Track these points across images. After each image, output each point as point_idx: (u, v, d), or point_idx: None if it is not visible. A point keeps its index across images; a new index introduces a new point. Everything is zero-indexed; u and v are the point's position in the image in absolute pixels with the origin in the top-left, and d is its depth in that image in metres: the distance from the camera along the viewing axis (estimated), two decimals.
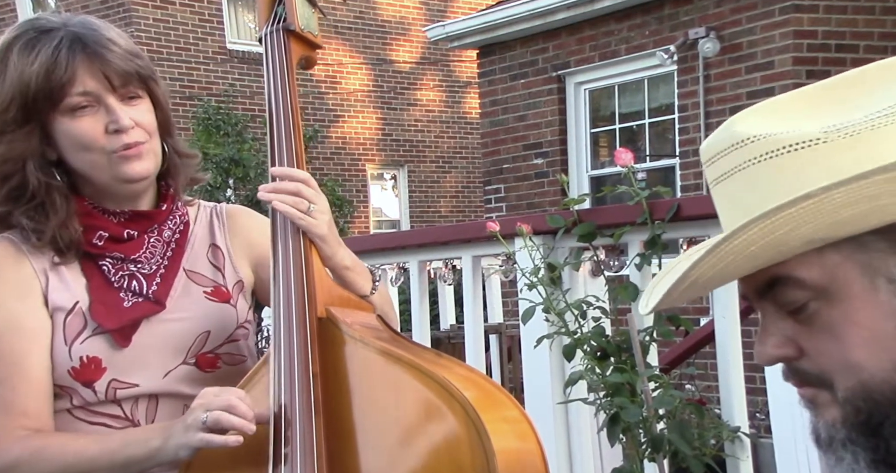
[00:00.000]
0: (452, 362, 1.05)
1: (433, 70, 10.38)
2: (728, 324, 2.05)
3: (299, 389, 0.99)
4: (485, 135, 6.56)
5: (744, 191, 0.58)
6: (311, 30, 1.15)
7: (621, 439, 1.96)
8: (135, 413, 1.08)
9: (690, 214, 2.04)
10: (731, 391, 2.03)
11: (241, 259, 1.16)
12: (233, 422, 0.97)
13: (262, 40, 1.13)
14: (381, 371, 0.99)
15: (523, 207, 6.14)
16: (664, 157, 5.82)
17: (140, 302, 1.09)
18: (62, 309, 1.07)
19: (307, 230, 1.05)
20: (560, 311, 2.05)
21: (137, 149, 1.07)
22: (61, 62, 1.04)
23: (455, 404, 0.93)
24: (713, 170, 0.60)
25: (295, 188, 1.05)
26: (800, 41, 4.91)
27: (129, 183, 1.08)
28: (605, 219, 2.16)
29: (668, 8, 5.46)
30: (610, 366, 2.00)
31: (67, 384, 1.07)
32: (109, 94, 1.06)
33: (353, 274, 1.10)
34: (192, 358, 1.10)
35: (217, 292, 1.13)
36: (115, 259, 1.10)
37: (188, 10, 8.69)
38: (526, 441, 0.99)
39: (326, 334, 1.02)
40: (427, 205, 10.35)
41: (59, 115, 1.06)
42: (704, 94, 5.30)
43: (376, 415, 0.99)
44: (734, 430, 2.00)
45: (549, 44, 6.05)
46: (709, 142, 0.61)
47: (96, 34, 1.06)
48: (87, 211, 1.10)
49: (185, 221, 1.16)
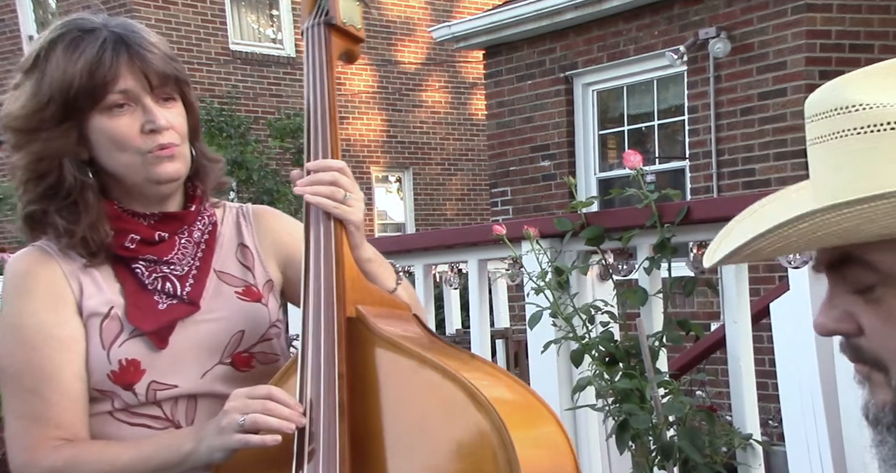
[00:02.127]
0: (487, 365, 1.04)
1: (439, 71, 10.39)
2: (739, 329, 2.04)
3: (325, 389, 1.00)
4: (491, 137, 6.56)
5: (838, 161, 0.57)
6: (354, 23, 1.15)
7: (630, 446, 1.96)
8: (175, 413, 1.11)
9: (700, 217, 2.03)
10: (742, 397, 2.02)
11: (269, 258, 1.18)
12: (271, 424, 0.98)
13: (303, 34, 1.14)
14: (408, 373, 0.98)
15: (530, 210, 6.13)
16: (674, 159, 5.81)
17: (175, 303, 1.11)
18: (98, 314, 1.09)
19: (343, 217, 1.06)
20: (568, 316, 2.05)
21: (170, 150, 1.09)
22: (106, 61, 1.06)
23: (480, 410, 0.93)
24: (812, 129, 0.59)
25: (331, 178, 1.07)
26: (813, 41, 4.90)
27: (161, 184, 1.10)
28: (613, 222, 2.16)
29: (678, 7, 5.46)
30: (619, 372, 2.00)
31: (108, 388, 1.08)
32: (147, 95, 1.09)
33: (376, 266, 1.12)
34: (228, 358, 1.12)
35: (248, 292, 1.15)
36: (148, 261, 1.12)
37: (191, 10, 8.72)
38: (556, 450, 0.98)
39: (356, 334, 1.02)
40: (433, 207, 10.36)
41: (97, 114, 1.08)
42: (715, 95, 5.29)
43: (402, 418, 0.99)
44: (746, 438, 2.00)
45: (556, 44, 6.05)
46: (814, 99, 0.59)
47: (138, 36, 1.10)
48: (117, 214, 1.11)
49: (214, 222, 1.18)
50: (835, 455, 1.96)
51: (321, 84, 1.10)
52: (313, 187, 1.06)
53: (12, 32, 9.70)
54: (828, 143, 0.58)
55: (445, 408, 0.96)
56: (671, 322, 2.02)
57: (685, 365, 2.99)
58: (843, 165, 0.57)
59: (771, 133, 5.08)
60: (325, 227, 1.06)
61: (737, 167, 5.25)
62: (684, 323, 2.05)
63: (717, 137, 5.31)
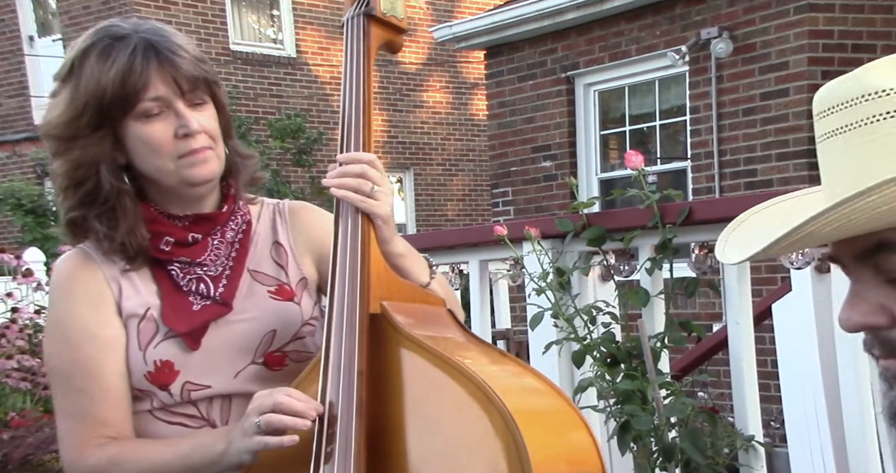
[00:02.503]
0: (516, 365, 1.03)
1: (440, 71, 10.39)
2: (741, 330, 2.04)
3: (344, 387, 1.00)
4: (492, 138, 6.56)
5: (870, 147, 0.55)
6: (396, 14, 1.15)
7: (632, 447, 1.96)
8: (210, 412, 1.13)
9: (702, 218, 2.03)
10: (744, 398, 2.02)
11: (304, 255, 1.19)
12: (284, 422, 0.99)
13: (344, 25, 1.15)
14: (426, 372, 0.98)
15: (531, 211, 6.13)
16: (675, 160, 5.81)
17: (208, 304, 1.13)
18: (135, 315, 1.12)
19: (370, 211, 1.07)
20: (569, 317, 2.05)
21: (203, 153, 1.11)
22: (136, 68, 1.08)
23: (494, 412, 0.92)
24: (831, 121, 0.57)
25: (359, 170, 1.07)
26: (815, 41, 4.90)
27: (195, 186, 1.13)
28: (615, 222, 2.16)
29: (680, 7, 5.46)
30: (620, 373, 2.00)
31: (145, 387, 1.12)
32: (179, 100, 1.11)
33: (408, 262, 1.12)
34: (261, 358, 1.13)
35: (281, 291, 1.16)
36: (183, 263, 1.14)
37: (191, 10, 8.73)
38: (578, 455, 0.96)
39: (379, 331, 1.02)
40: (433, 208, 10.36)
41: (131, 120, 1.10)
42: (717, 96, 5.29)
43: (419, 417, 0.99)
44: (748, 439, 1.99)
45: (557, 44, 6.05)
46: (829, 91, 0.58)
47: (167, 40, 1.12)
48: (154, 217, 1.14)
49: (248, 220, 1.19)
50: (837, 456, 1.96)
51: (357, 76, 1.11)
52: (340, 180, 1.07)
53: (12, 32, 9.70)
54: (857, 130, 0.56)
55: (460, 409, 0.95)
56: (673, 323, 2.02)
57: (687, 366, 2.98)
58: (876, 150, 0.55)
59: (773, 133, 5.07)
60: (353, 221, 1.06)
61: (739, 167, 5.25)
62: (686, 323, 2.05)
63: (719, 138, 5.31)
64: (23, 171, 9.32)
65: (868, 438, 1.89)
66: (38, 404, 3.06)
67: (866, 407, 1.89)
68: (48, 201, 8.21)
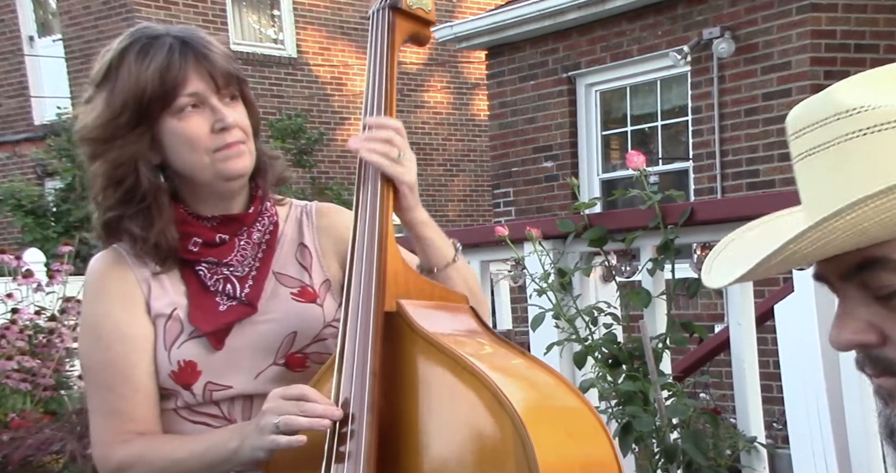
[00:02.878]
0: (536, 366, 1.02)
1: (441, 71, 10.39)
2: (743, 331, 2.04)
3: (357, 387, 1.01)
4: (493, 138, 6.56)
5: (846, 165, 0.56)
6: (423, 6, 1.15)
7: (634, 449, 1.96)
8: (232, 412, 1.14)
9: (704, 218, 2.03)
10: (746, 400, 2.02)
11: (329, 257, 1.20)
12: (302, 424, 1.00)
13: (370, 17, 1.15)
14: (439, 372, 0.98)
15: (533, 211, 6.13)
16: (677, 160, 5.81)
17: (234, 305, 1.14)
18: (162, 315, 1.14)
19: (396, 177, 1.07)
20: (570, 318, 2.05)
21: (237, 147, 1.13)
22: (175, 65, 1.11)
23: (504, 415, 0.92)
24: (804, 142, 0.58)
25: (387, 135, 1.09)
26: (818, 41, 4.89)
27: (230, 180, 1.14)
28: (616, 223, 2.16)
29: (682, 7, 5.46)
30: (622, 374, 2.00)
31: (170, 386, 1.14)
32: (213, 95, 1.13)
33: (432, 231, 1.13)
34: (282, 359, 1.14)
35: (303, 292, 1.17)
36: (210, 263, 1.15)
37: (192, 10, 8.74)
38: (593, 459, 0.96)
39: (394, 329, 1.02)
40: (434, 209, 10.36)
41: (168, 117, 1.12)
42: (719, 96, 5.29)
43: (432, 419, 0.99)
44: (750, 440, 1.99)
45: (559, 44, 6.05)
46: (800, 112, 0.58)
47: (200, 38, 1.14)
48: (183, 217, 1.16)
49: (275, 222, 1.20)
50: (840, 457, 1.96)
51: (381, 68, 1.12)
52: (369, 144, 1.08)
53: (12, 32, 9.71)
54: (829, 149, 0.56)
55: (471, 411, 0.95)
56: (675, 323, 2.02)
57: (689, 367, 2.98)
58: (860, 162, 0.55)
59: (775, 134, 5.07)
60: (375, 187, 1.07)
61: (741, 168, 5.24)
62: (688, 324, 2.05)
63: (721, 138, 5.31)
64: (23, 172, 9.33)
65: (871, 439, 1.89)
66: (37, 405, 3.06)
67: (869, 409, 1.89)
68: (48, 202, 8.21)
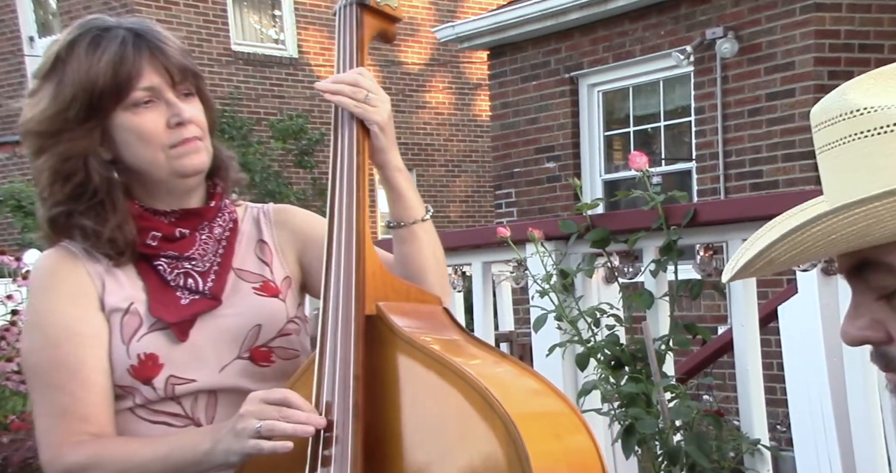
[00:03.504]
0: (517, 367, 1.02)
1: (443, 71, 10.40)
2: (747, 333, 2.04)
3: (340, 392, 1.00)
4: (495, 139, 6.56)
5: (846, 166, 0.57)
6: (389, 2, 1.15)
7: (636, 451, 1.95)
8: (195, 410, 1.11)
9: (707, 219, 2.03)
10: (750, 402, 2.02)
11: (288, 253, 1.19)
12: (285, 430, 0.98)
13: (336, 14, 1.15)
14: (425, 376, 0.97)
15: (535, 212, 6.13)
16: (680, 161, 5.81)
17: (197, 299, 1.12)
18: (118, 309, 1.10)
19: (365, 117, 1.07)
20: (573, 319, 2.05)
21: (194, 143, 1.11)
22: (128, 57, 1.08)
23: (495, 418, 0.91)
24: (820, 137, 0.59)
25: (353, 79, 1.08)
26: (821, 41, 4.89)
27: (186, 177, 1.12)
28: (619, 224, 2.16)
29: (685, 7, 5.46)
30: (624, 376, 2.00)
31: (128, 383, 1.10)
32: (170, 90, 1.10)
33: (406, 183, 1.12)
34: (247, 353, 1.12)
35: (265, 287, 1.15)
36: (170, 258, 1.13)
37: (192, 10, 8.74)
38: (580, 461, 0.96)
39: (375, 332, 1.01)
40: (436, 209, 10.28)
41: (121, 111, 1.09)
42: (722, 96, 5.29)
43: (418, 422, 0.98)
44: (754, 443, 1.99)
45: (561, 44, 6.05)
46: (819, 107, 0.60)
47: (154, 32, 1.12)
48: (139, 213, 1.13)
49: (234, 219, 1.18)
50: (844, 460, 1.95)
51: (350, 66, 1.12)
52: (335, 85, 1.07)
53: (12, 33, 9.73)
54: (836, 148, 0.58)
55: (460, 415, 0.94)
56: (678, 325, 2.02)
57: (692, 368, 2.98)
58: (851, 169, 0.57)
59: (779, 134, 5.07)
60: (351, 134, 1.06)
61: (744, 168, 5.24)
62: (691, 326, 2.05)
63: (725, 138, 5.31)
64: (23, 173, 9.34)
65: (876, 442, 1.89)
66: None
67: (874, 411, 1.89)
68: None
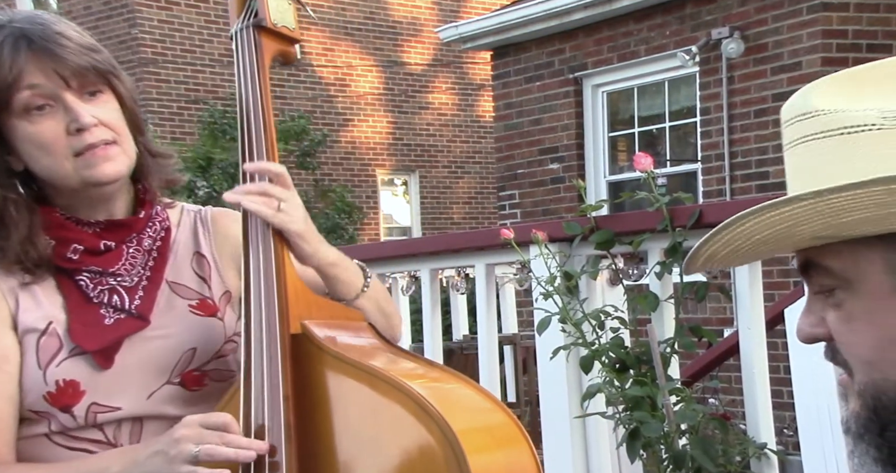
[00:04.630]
0: (448, 374, 1.02)
1: (446, 72, 10.40)
2: (753, 336, 2.03)
3: (270, 413, 0.96)
4: (499, 140, 6.56)
5: (801, 165, 0.59)
6: (287, 24, 1.11)
7: (641, 455, 1.95)
8: (118, 437, 1.04)
9: (713, 221, 2.03)
10: (756, 405, 2.02)
11: (227, 266, 1.12)
12: (227, 455, 0.93)
13: (233, 38, 1.10)
14: (356, 389, 0.96)
15: (539, 214, 6.13)
16: (685, 162, 5.80)
17: (122, 318, 1.04)
18: (34, 330, 1.02)
19: (282, 227, 1.01)
20: (577, 321, 2.05)
21: (104, 150, 1.02)
22: (5, 61, 0.99)
23: (431, 423, 0.91)
24: (786, 134, 0.61)
25: (259, 188, 1.02)
26: (829, 41, 4.89)
27: (99, 186, 1.04)
28: (623, 225, 2.16)
29: (690, 7, 5.45)
30: (629, 379, 1.99)
31: (43, 409, 1.02)
32: (66, 92, 1.01)
33: (341, 271, 1.07)
34: (177, 378, 1.06)
35: (203, 305, 1.09)
36: (93, 273, 1.05)
37: (194, 11, 8.76)
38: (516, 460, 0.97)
39: (302, 350, 0.99)
40: (439, 211, 10.36)
41: (14, 120, 1.01)
42: (728, 97, 5.28)
43: (353, 436, 0.97)
44: (760, 447, 1.99)
45: (565, 45, 6.06)
46: (787, 105, 0.62)
47: (44, 29, 1.02)
48: (60, 222, 1.05)
49: (166, 227, 1.11)
50: None
51: (253, 90, 1.06)
52: (246, 197, 1.01)
53: None
54: (796, 147, 0.60)
55: (395, 422, 0.94)
56: (683, 328, 2.02)
57: (698, 372, 2.98)
58: (800, 168, 0.59)
59: None
60: (265, 234, 1.01)
61: (750, 170, 5.23)
62: (696, 329, 2.05)
63: (730, 139, 5.30)
64: None
65: None
66: None
67: None
68: None
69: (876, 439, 0.59)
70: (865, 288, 0.58)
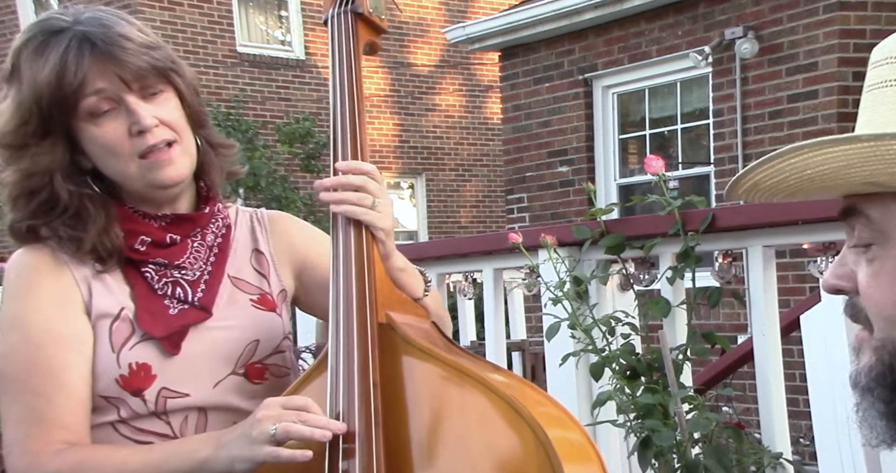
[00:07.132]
0: (512, 377, 1.03)
1: (453, 73, 10.42)
2: (768, 342, 2.02)
3: (360, 400, 0.97)
4: (507, 142, 6.56)
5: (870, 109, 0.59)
6: (379, 13, 1.13)
7: (653, 464, 1.94)
8: (184, 429, 1.07)
9: (726, 225, 2.02)
10: (771, 414, 2.01)
11: (284, 266, 1.16)
12: (303, 433, 0.95)
13: (327, 23, 1.12)
14: (445, 383, 0.97)
15: (547, 217, 6.12)
16: (698, 165, 5.79)
17: (186, 309, 1.09)
18: (107, 315, 1.07)
19: (372, 225, 1.04)
20: (587, 327, 2.04)
21: (167, 152, 1.07)
22: (70, 66, 1.03)
23: (524, 425, 0.92)
24: (868, 76, 0.61)
25: (360, 182, 1.04)
26: (846, 41, 4.87)
27: (164, 188, 1.09)
28: (634, 229, 2.15)
29: (703, 6, 5.45)
30: (640, 386, 1.99)
31: (114, 394, 1.06)
32: (128, 94, 1.05)
33: (407, 276, 1.10)
34: (242, 368, 1.10)
35: (263, 300, 1.13)
36: (158, 265, 1.10)
37: (197, 11, 8.80)
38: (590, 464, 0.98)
39: (386, 341, 1.01)
40: (446, 215, 10.37)
41: (81, 123, 1.06)
42: (742, 98, 5.27)
43: (438, 430, 0.98)
44: (776, 456, 1.98)
45: (575, 45, 6.06)
46: (878, 46, 0.62)
47: (107, 31, 1.05)
48: (128, 215, 1.10)
49: (228, 224, 1.16)
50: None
51: (349, 78, 1.08)
52: (340, 194, 1.03)
53: (12, 33, 9.82)
54: (870, 92, 0.60)
55: (483, 419, 0.94)
56: (695, 334, 2.01)
57: (711, 379, 2.96)
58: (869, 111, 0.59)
59: (801, 137, 5.05)
60: (355, 233, 1.04)
61: None
62: (709, 335, 2.04)
63: (744, 142, 5.29)
64: None
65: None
66: None
67: None
68: None
69: (886, 393, 0.60)
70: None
